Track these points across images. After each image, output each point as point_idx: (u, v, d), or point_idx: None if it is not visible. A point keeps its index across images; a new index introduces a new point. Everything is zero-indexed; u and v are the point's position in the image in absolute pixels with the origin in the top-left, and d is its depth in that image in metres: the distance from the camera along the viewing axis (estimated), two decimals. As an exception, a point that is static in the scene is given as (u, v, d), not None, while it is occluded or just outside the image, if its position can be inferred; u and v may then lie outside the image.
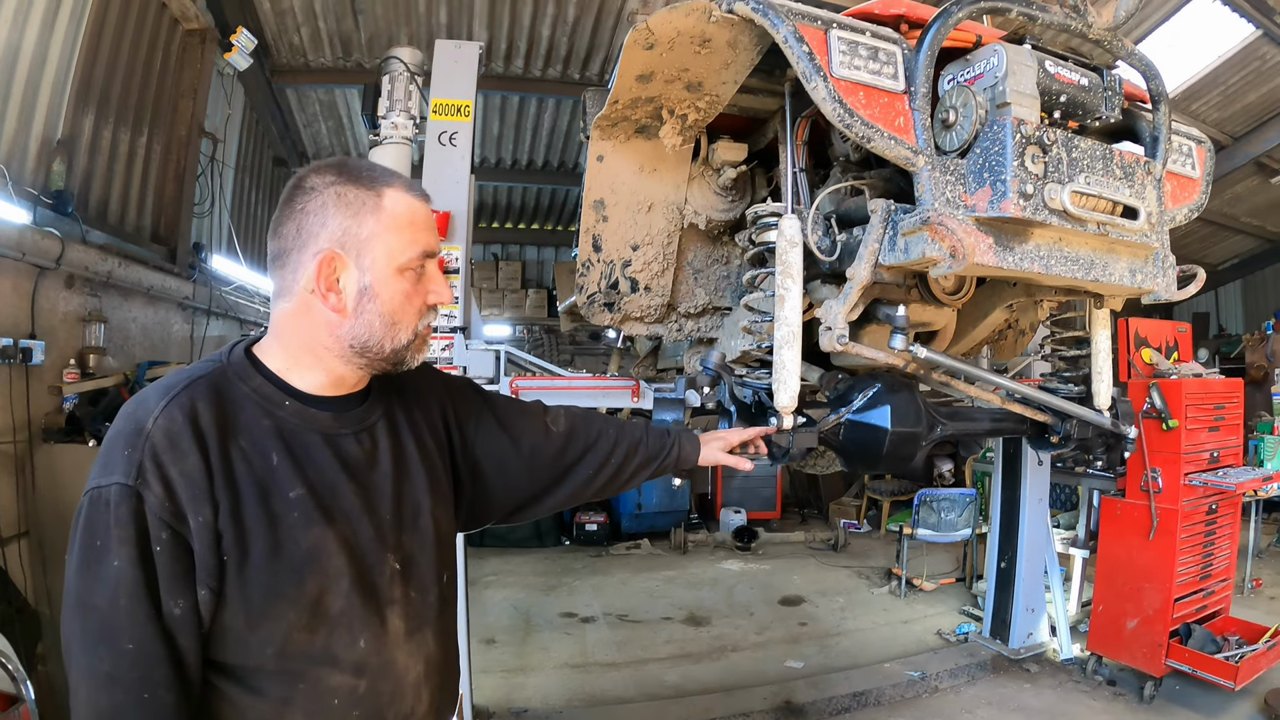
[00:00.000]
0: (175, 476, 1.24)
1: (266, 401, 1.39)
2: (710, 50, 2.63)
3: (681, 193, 3.49)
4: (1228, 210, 11.98)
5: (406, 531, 1.51)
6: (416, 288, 1.45)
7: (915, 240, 2.29)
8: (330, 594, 1.35)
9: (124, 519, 1.21)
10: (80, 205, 5.27)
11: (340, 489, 1.41)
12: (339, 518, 1.39)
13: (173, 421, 1.27)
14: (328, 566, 1.35)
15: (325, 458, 1.41)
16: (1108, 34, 2.53)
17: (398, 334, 1.44)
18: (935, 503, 7.36)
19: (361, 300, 1.40)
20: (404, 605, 1.47)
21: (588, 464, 1.95)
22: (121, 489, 1.22)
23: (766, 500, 10.78)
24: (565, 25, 7.70)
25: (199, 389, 1.34)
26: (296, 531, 1.33)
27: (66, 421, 4.78)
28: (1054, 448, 3.31)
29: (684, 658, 6.07)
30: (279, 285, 1.44)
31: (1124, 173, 2.43)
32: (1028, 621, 5.97)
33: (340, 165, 1.44)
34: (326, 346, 1.42)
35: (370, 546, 1.43)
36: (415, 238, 1.43)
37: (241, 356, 1.44)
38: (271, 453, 1.35)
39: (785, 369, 2.49)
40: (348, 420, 1.48)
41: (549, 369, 4.70)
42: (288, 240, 1.41)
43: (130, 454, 1.24)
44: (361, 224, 1.39)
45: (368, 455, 1.49)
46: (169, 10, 6.25)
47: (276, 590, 1.30)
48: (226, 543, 1.27)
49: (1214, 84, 8.89)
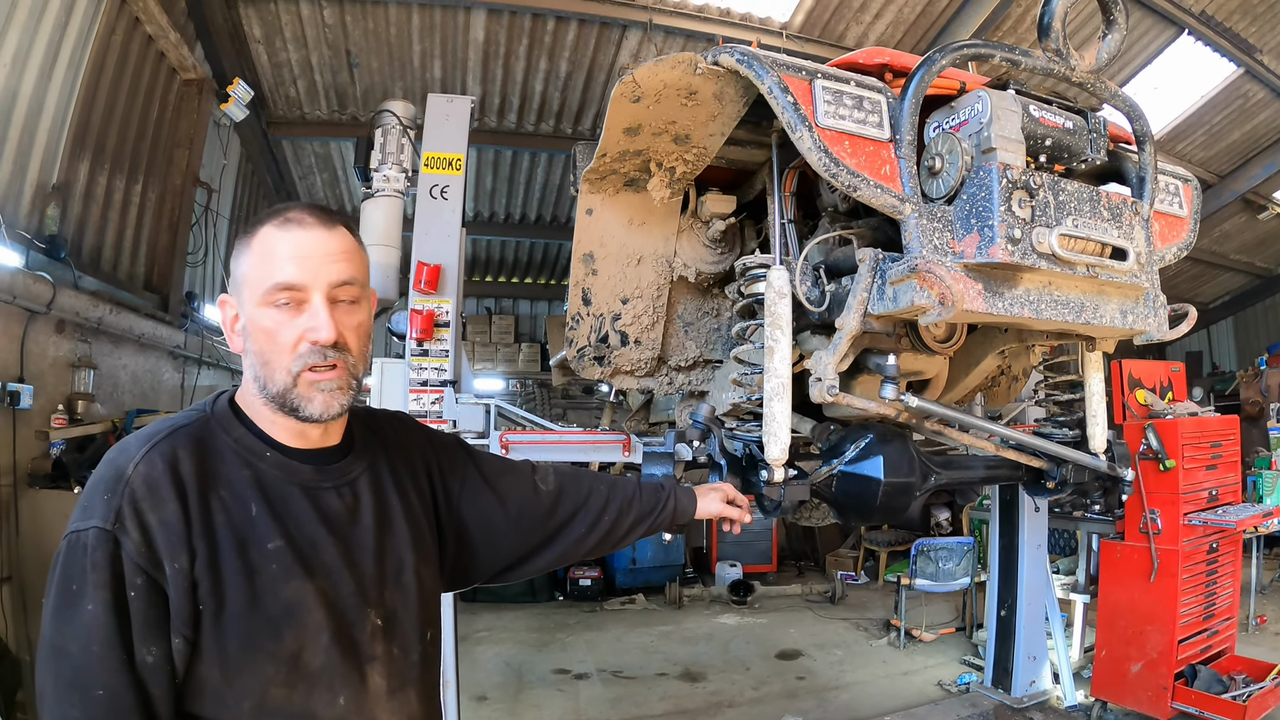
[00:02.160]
0: (153, 523, 1.24)
1: (248, 452, 1.39)
2: (697, 102, 2.65)
3: (671, 245, 3.49)
4: (1217, 248, 12.07)
5: (389, 588, 1.48)
6: (285, 323, 1.36)
7: (904, 289, 2.28)
8: (309, 649, 1.32)
9: (100, 563, 1.20)
10: (73, 251, 5.29)
11: (320, 542, 1.39)
12: (318, 571, 1.37)
13: (153, 469, 1.27)
14: (306, 621, 1.33)
15: (305, 510, 1.40)
16: (1091, 77, 2.54)
17: (274, 374, 1.36)
18: (933, 552, 7.27)
19: (244, 340, 1.41)
20: (386, 663, 1.44)
21: (579, 523, 1.89)
22: (99, 533, 1.21)
23: (762, 553, 10.64)
24: (557, 81, 7.81)
25: (180, 438, 1.34)
26: (275, 584, 1.31)
27: (53, 467, 4.75)
28: (1050, 493, 3.27)
29: (679, 715, 5.93)
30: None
31: (1111, 214, 2.43)
32: (1030, 669, 5.87)
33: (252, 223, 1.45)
34: (253, 393, 1.42)
35: (351, 602, 1.40)
36: (271, 270, 1.36)
37: (225, 407, 1.44)
38: (251, 503, 1.34)
39: (775, 421, 2.46)
40: (329, 474, 1.47)
41: (539, 423, 4.66)
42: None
43: (110, 499, 1.23)
44: (239, 265, 1.41)
45: (349, 510, 1.47)
46: (167, 60, 6.33)
47: (254, 643, 1.28)
48: (202, 592, 1.26)
49: (1198, 124, 9.02)
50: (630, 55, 7.26)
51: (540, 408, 11.52)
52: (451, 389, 4.46)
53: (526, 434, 4.50)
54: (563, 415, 11.41)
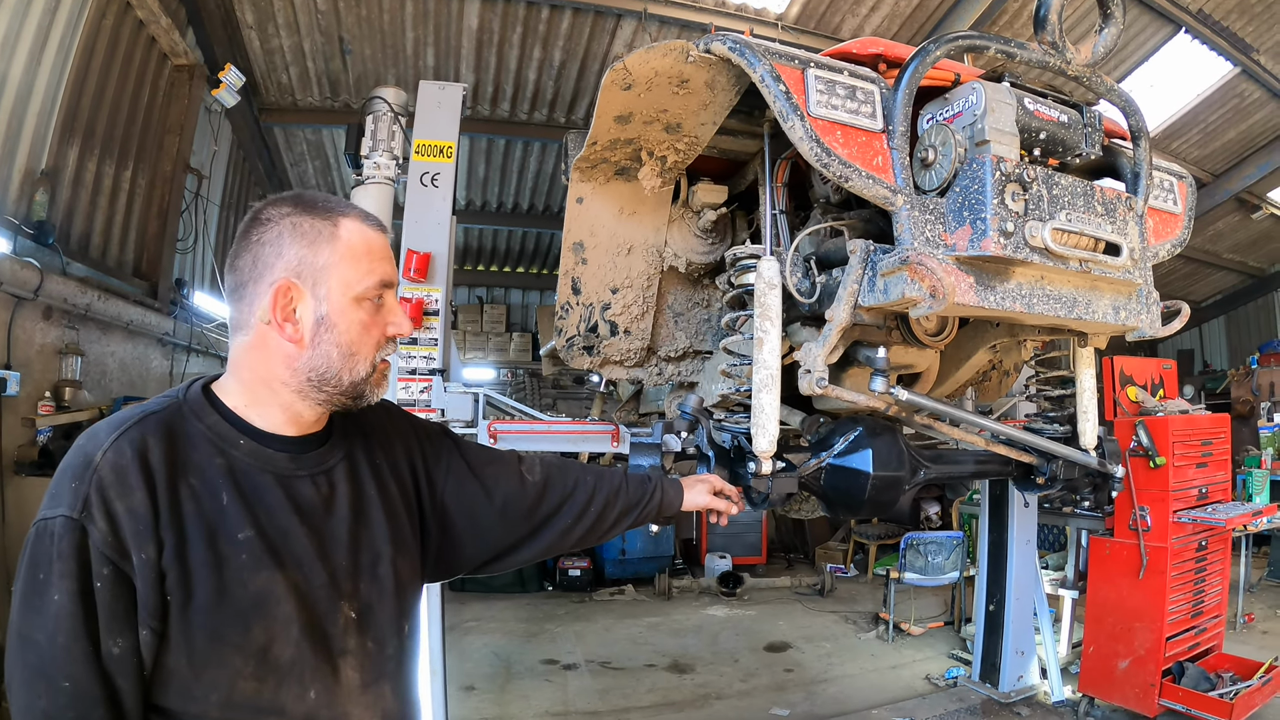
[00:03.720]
0: (120, 511, 1.21)
1: (220, 440, 1.36)
2: (688, 91, 2.62)
3: (661, 235, 3.46)
4: (1210, 247, 12.10)
5: (364, 580, 1.46)
6: (374, 318, 1.43)
7: (895, 281, 2.26)
8: (278, 642, 1.30)
9: (66, 552, 1.18)
10: (62, 237, 5.24)
11: (292, 533, 1.37)
12: (289, 563, 1.34)
13: (121, 456, 1.24)
14: (275, 612, 1.31)
15: (277, 500, 1.37)
16: (1086, 70, 2.52)
17: (356, 365, 1.41)
18: (922, 546, 7.27)
19: (319, 330, 1.38)
20: (359, 656, 1.42)
21: (565, 514, 1.88)
22: (66, 521, 1.19)
23: (752, 545, 10.65)
24: (551, 69, 7.76)
25: (150, 425, 1.31)
26: (244, 574, 1.29)
27: (39, 454, 4.70)
28: (1040, 489, 3.27)
29: (667, 706, 5.93)
30: (235, 318, 1.42)
31: (1105, 209, 2.41)
32: (1018, 664, 5.88)
33: (296, 197, 1.42)
34: (283, 380, 1.39)
35: (323, 594, 1.38)
36: (372, 267, 1.42)
37: (198, 393, 1.40)
38: (222, 492, 1.31)
39: (764, 413, 2.44)
40: (305, 462, 1.44)
41: (528, 413, 4.64)
42: (243, 273, 1.38)
43: (77, 487, 1.21)
44: (317, 253, 1.37)
45: (324, 499, 1.44)
46: (158, 45, 6.28)
47: (221, 635, 1.26)
48: (170, 582, 1.23)
49: (1194, 122, 9.02)
50: (624, 45, 7.22)
51: (530, 397, 11.51)
52: (440, 377, 4.44)
53: (515, 424, 4.48)
54: (553, 405, 11.41)
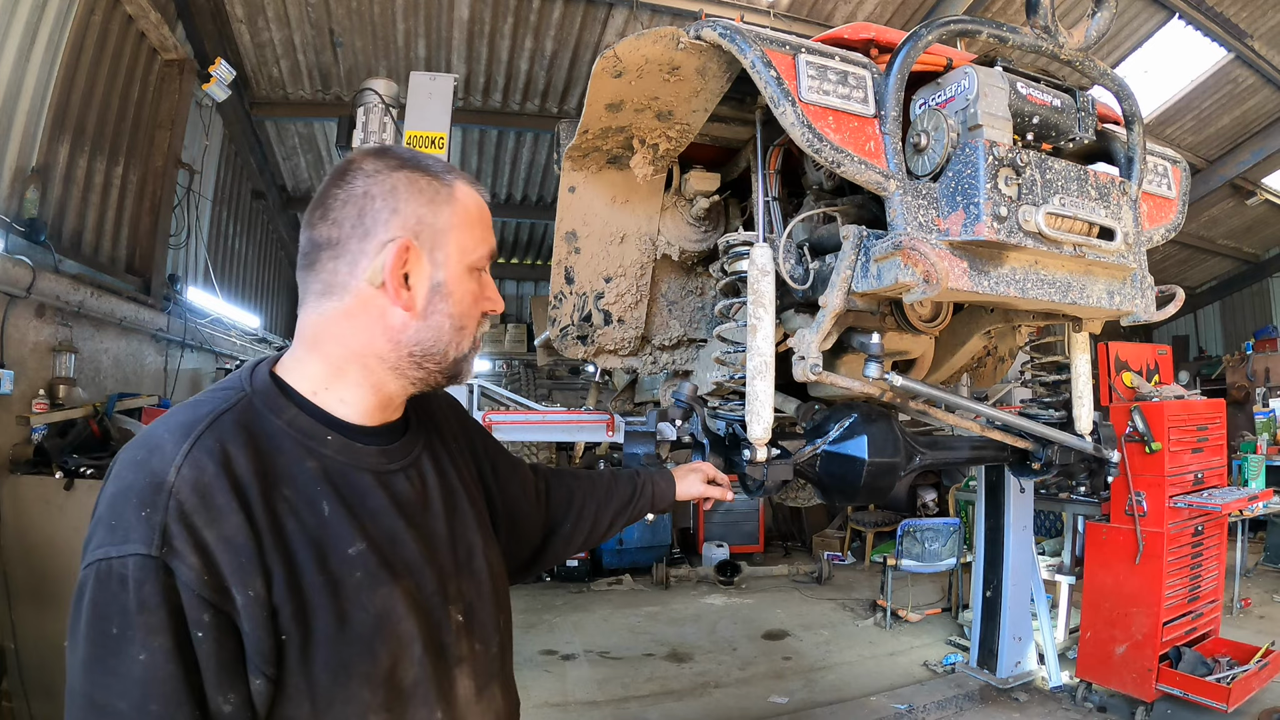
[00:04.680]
0: (212, 542, 1.01)
1: (306, 437, 1.17)
2: (679, 78, 2.60)
3: (654, 223, 3.45)
4: (1204, 233, 12.11)
5: (464, 578, 1.33)
6: (478, 292, 1.30)
7: (888, 266, 2.25)
8: (403, 663, 1.16)
9: (151, 600, 0.97)
10: (53, 234, 5.21)
11: (399, 537, 1.21)
12: (402, 572, 1.19)
13: (202, 472, 1.04)
14: (399, 631, 1.16)
15: (380, 502, 1.21)
16: (1079, 55, 2.51)
17: (463, 340, 1.27)
18: (919, 533, 7.29)
19: (433, 299, 1.22)
20: (471, 662, 1.29)
21: (567, 520, 1.84)
22: (143, 561, 0.97)
23: (749, 534, 10.69)
24: (543, 59, 7.73)
25: (226, 428, 1.11)
26: (361, 595, 1.12)
27: (35, 453, 4.69)
28: (1036, 474, 3.27)
29: (666, 695, 5.94)
30: (325, 282, 1.21)
31: (1099, 194, 2.40)
32: (1015, 650, 5.90)
33: (397, 151, 1.27)
34: (381, 355, 1.22)
35: (435, 601, 1.24)
36: (484, 236, 1.30)
37: (267, 381, 1.21)
38: (321, 502, 1.14)
39: (758, 400, 2.44)
40: (395, 454, 1.28)
41: (523, 403, 4.64)
42: (344, 226, 1.19)
43: (150, 515, 0.99)
44: (438, 214, 1.23)
45: (420, 494, 1.30)
46: (148, 40, 6.23)
47: (348, 668, 1.10)
48: (284, 619, 1.05)
49: (1188, 108, 9.02)
50: (616, 34, 7.19)
51: (525, 388, 11.50)
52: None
53: (510, 414, 4.48)
54: (548, 395, 11.41)
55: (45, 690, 4.20)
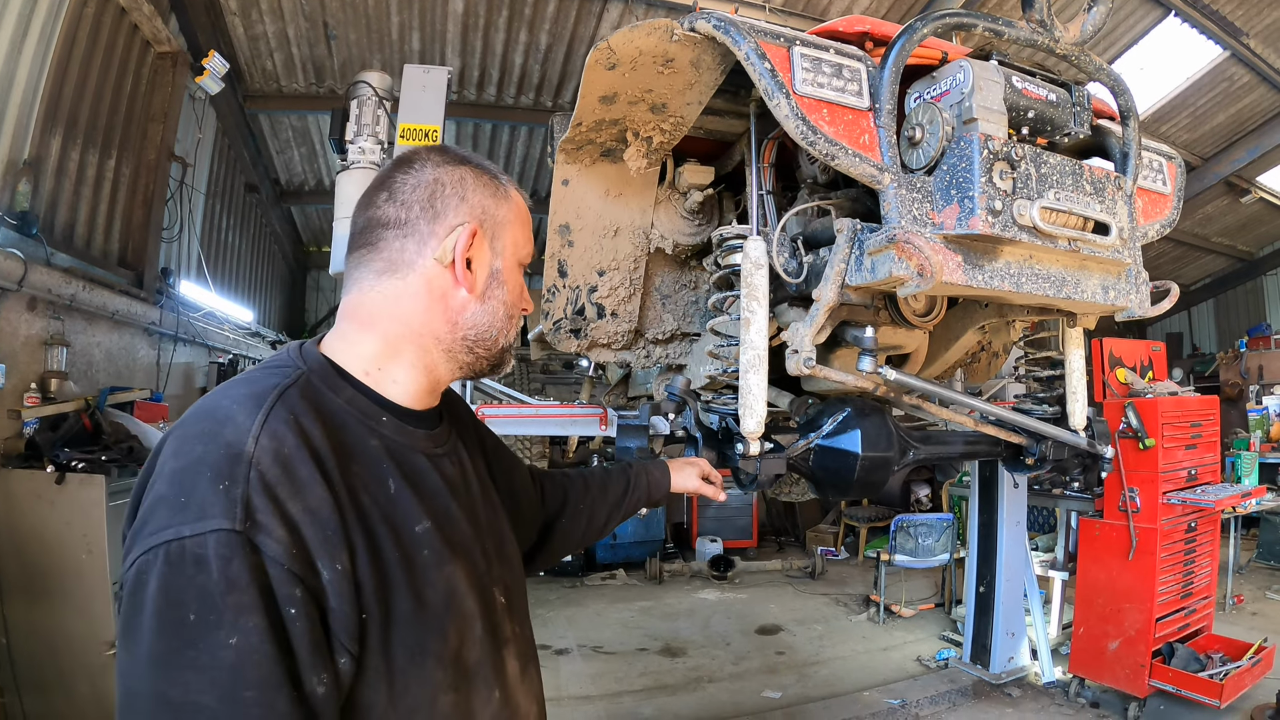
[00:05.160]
0: (298, 514, 0.98)
1: (365, 416, 1.17)
2: (674, 70, 2.59)
3: (648, 217, 3.44)
4: (1199, 230, 12.13)
5: (502, 562, 1.36)
6: (525, 286, 1.38)
7: (882, 259, 2.24)
8: (468, 642, 1.17)
9: (239, 578, 0.91)
10: (45, 227, 5.18)
11: (454, 518, 1.24)
12: (460, 551, 1.21)
13: (281, 441, 1.01)
14: (464, 609, 1.17)
15: (436, 482, 1.23)
16: (1075, 49, 2.50)
17: (510, 330, 1.33)
18: (912, 528, 7.31)
19: (490, 285, 1.28)
20: (515, 644, 1.32)
21: (564, 517, 1.86)
22: (225, 537, 0.91)
23: (743, 529, 10.69)
24: (537, 53, 7.70)
25: (294, 400, 1.09)
26: (430, 573, 1.13)
27: (26, 447, 4.66)
28: (1030, 469, 3.27)
29: (659, 690, 5.95)
30: (387, 259, 1.23)
31: (1094, 188, 2.40)
32: (1008, 645, 5.92)
33: (457, 150, 1.33)
34: (438, 336, 1.24)
35: (485, 581, 1.26)
36: (530, 237, 1.38)
37: (322, 359, 1.20)
38: (388, 478, 1.14)
39: (751, 394, 2.43)
40: (437, 439, 1.30)
41: (516, 397, 4.63)
42: (414, 208, 1.22)
43: (229, 488, 0.95)
44: (499, 207, 1.30)
45: (463, 479, 1.33)
46: (141, 33, 6.19)
47: (424, 647, 1.09)
48: (366, 596, 1.03)
49: (1183, 106, 9.02)
50: (611, 27, 7.17)
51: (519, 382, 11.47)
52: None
53: (503, 408, 4.46)
54: (541, 389, 11.38)
55: (37, 686, 4.18)
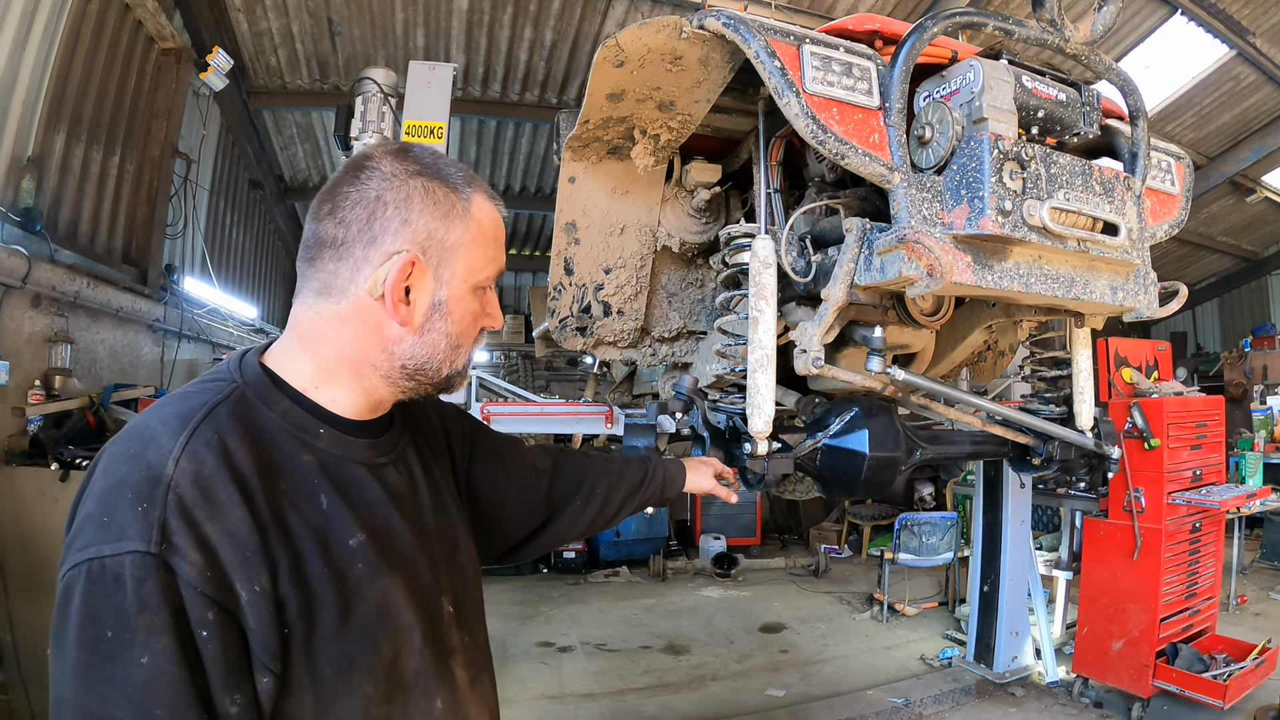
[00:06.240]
0: (215, 536, 0.98)
1: (299, 430, 1.15)
2: (682, 68, 2.58)
3: (655, 215, 3.43)
4: (1204, 230, 12.09)
5: (452, 570, 1.33)
6: (479, 309, 1.27)
7: (891, 259, 2.23)
8: (404, 654, 1.16)
9: (151, 600, 0.92)
10: (49, 224, 5.18)
11: (394, 529, 1.21)
12: (398, 563, 1.19)
13: (200, 463, 1.00)
14: (399, 622, 1.16)
15: (375, 494, 1.21)
16: (1085, 48, 2.49)
17: (457, 358, 1.25)
18: (916, 527, 7.30)
19: (432, 317, 1.19)
20: (462, 653, 1.30)
21: (575, 500, 1.81)
22: (140, 559, 0.92)
23: (746, 527, 10.66)
24: (542, 50, 7.68)
25: (222, 419, 1.07)
26: (363, 587, 1.12)
27: (30, 444, 4.66)
28: (1036, 470, 3.25)
29: (663, 688, 5.94)
30: (322, 280, 1.18)
31: (1104, 189, 2.39)
32: (1012, 645, 5.91)
33: (418, 155, 1.22)
34: (374, 363, 1.20)
35: (429, 592, 1.24)
36: (494, 255, 1.26)
37: (258, 372, 1.18)
38: (320, 494, 1.13)
39: (759, 393, 2.43)
40: (382, 447, 1.27)
41: (522, 395, 4.63)
42: (352, 228, 1.15)
43: (146, 510, 0.95)
44: (450, 230, 1.18)
45: (409, 486, 1.30)
46: (144, 29, 6.18)
47: (352, 662, 1.09)
48: (290, 613, 1.03)
49: (1189, 105, 8.98)
50: (616, 25, 7.15)
51: (524, 380, 11.50)
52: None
53: (508, 406, 4.46)
54: (546, 387, 11.40)
55: (42, 682, 4.16)
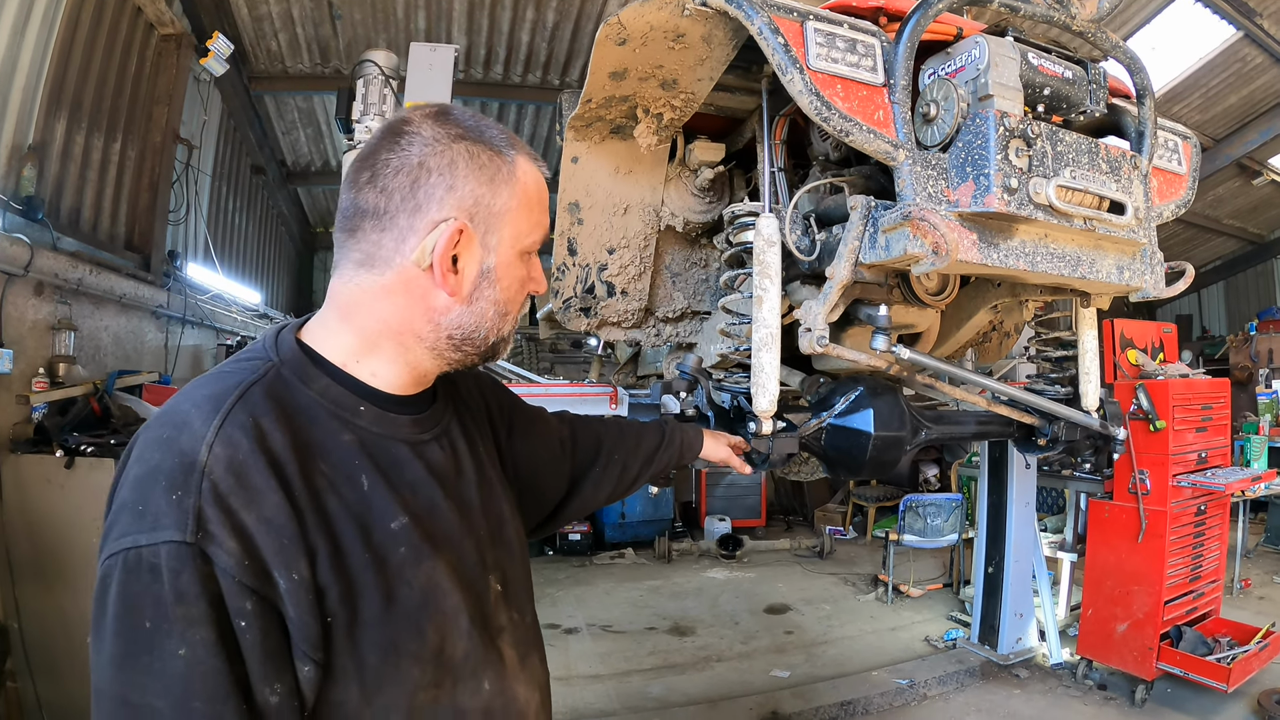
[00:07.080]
0: (252, 524, 0.95)
1: (339, 408, 1.12)
2: (685, 46, 2.56)
3: (658, 194, 3.41)
4: (1210, 212, 12.05)
5: (499, 547, 1.30)
6: (526, 274, 1.24)
7: (897, 237, 2.22)
8: (450, 638, 1.13)
9: (188, 590, 0.90)
10: (51, 212, 5.18)
11: (438, 509, 1.18)
12: (443, 545, 1.16)
13: (234, 448, 0.98)
14: (445, 606, 1.13)
15: (418, 473, 1.18)
16: (1091, 26, 2.47)
17: (504, 326, 1.21)
18: (921, 508, 7.30)
19: (480, 285, 1.16)
20: (511, 631, 1.27)
21: (596, 466, 1.79)
22: (177, 549, 0.90)
23: (751, 508, 10.69)
24: (544, 31, 7.65)
25: (256, 400, 1.04)
26: (406, 571, 1.09)
27: (35, 431, 4.68)
28: (1041, 450, 3.24)
29: (668, 669, 5.98)
30: (365, 251, 1.14)
31: (1110, 167, 2.37)
32: (1016, 626, 5.92)
33: (458, 117, 1.17)
34: (419, 335, 1.16)
35: (476, 572, 1.22)
36: (540, 219, 1.22)
37: (295, 349, 1.14)
38: (360, 475, 1.09)
39: (764, 372, 2.41)
40: (425, 423, 1.23)
41: (526, 376, 4.62)
42: (395, 197, 1.11)
43: (181, 498, 0.93)
44: (496, 195, 1.14)
45: (453, 462, 1.26)
46: (144, 15, 6.16)
47: (397, 647, 1.06)
48: (330, 601, 1.01)
49: (1195, 86, 8.94)
50: (619, 3, 7.08)
51: (528, 361, 11.49)
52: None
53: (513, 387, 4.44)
54: (550, 369, 11.39)
55: (49, 669, 4.21)
